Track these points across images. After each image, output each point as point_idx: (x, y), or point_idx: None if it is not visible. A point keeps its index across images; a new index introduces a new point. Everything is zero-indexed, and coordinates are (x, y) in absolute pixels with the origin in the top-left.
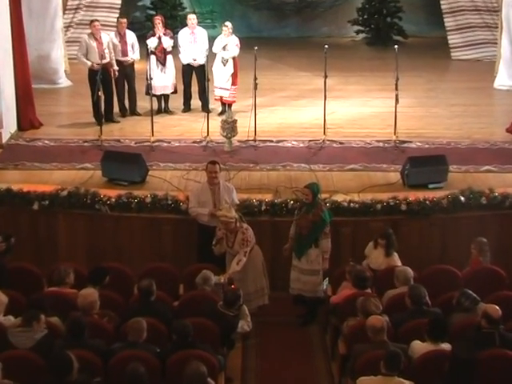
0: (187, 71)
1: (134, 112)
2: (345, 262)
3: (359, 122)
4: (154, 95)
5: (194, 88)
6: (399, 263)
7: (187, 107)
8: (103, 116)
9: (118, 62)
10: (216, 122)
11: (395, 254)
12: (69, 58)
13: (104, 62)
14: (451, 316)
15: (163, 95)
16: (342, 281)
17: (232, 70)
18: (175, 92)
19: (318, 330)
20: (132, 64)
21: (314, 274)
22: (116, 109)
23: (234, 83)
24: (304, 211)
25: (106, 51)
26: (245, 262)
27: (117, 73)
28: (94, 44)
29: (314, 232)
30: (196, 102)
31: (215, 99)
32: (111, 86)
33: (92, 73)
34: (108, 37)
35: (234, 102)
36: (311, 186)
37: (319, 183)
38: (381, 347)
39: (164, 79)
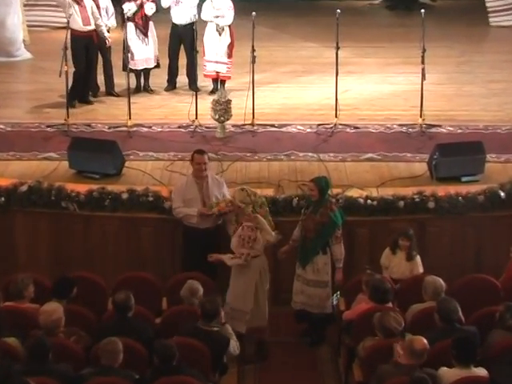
0: (175, 38)
1: (110, 91)
2: (360, 270)
3: (378, 102)
4: (132, 70)
5: (181, 62)
6: (421, 268)
7: (172, 85)
8: (77, 96)
9: (89, 31)
10: (206, 103)
11: (418, 256)
12: (28, 26)
13: (88, 29)
14: (490, 335)
15: (143, 70)
16: (357, 293)
17: (229, 40)
18: (158, 66)
19: (329, 352)
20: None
21: (320, 286)
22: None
23: (230, 55)
24: (310, 211)
25: (91, 17)
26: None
27: (109, 40)
28: (76, 8)
29: (321, 236)
30: (182, 79)
31: (205, 75)
32: (94, 60)
33: (76, 41)
34: (91, 1)
35: (230, 78)
36: (318, 180)
37: (329, 177)
38: (409, 372)
39: (146, 51)
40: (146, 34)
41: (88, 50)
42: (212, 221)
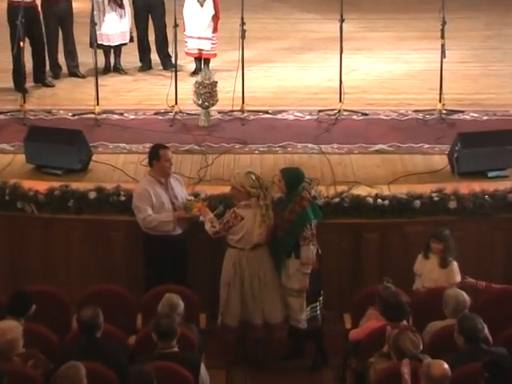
0: (142, 9)
1: (73, 72)
2: (369, 280)
3: (389, 84)
4: (100, 47)
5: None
6: (459, 277)
7: (146, 64)
8: (27, 77)
9: (30, 1)
10: (188, 86)
11: (454, 263)
12: None
13: None
14: None
15: (113, 47)
16: (365, 308)
17: (212, 11)
18: (131, 40)
19: (333, 378)
20: (68, 2)
21: (292, 295)
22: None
23: (214, 30)
24: (280, 208)
25: None
26: (214, 231)
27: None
28: None
29: (289, 235)
30: (157, 57)
31: (187, 53)
32: (41, 34)
33: (12, 12)
34: None
35: (215, 56)
36: (286, 171)
37: (331, 171)
38: None
39: (121, 24)
40: (120, 5)
41: (31, 24)
42: (184, 224)
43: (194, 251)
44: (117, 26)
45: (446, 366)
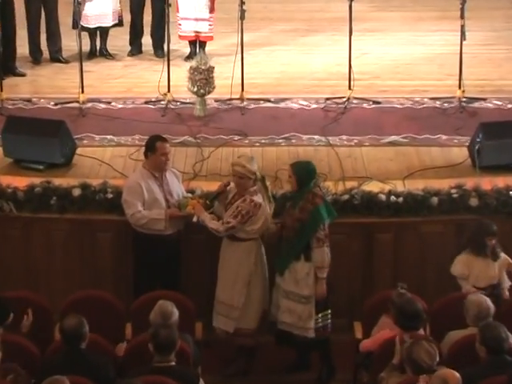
0: None
1: (56, 56)
2: (382, 286)
3: (404, 69)
4: (85, 29)
5: (147, 18)
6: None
7: (136, 48)
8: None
9: None
10: (182, 72)
11: (502, 253)
12: None
13: None
14: None
15: (99, 29)
16: (378, 316)
17: None
18: (120, 24)
19: None
20: None
21: (301, 302)
22: (24, 50)
23: (212, 9)
24: (290, 204)
25: None
26: (229, 227)
27: None
28: None
29: (300, 236)
30: (150, 41)
31: (181, 37)
32: (12, 16)
33: None
34: None
35: (212, 38)
36: (296, 166)
37: (340, 164)
38: None
39: (108, 4)
40: None
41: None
42: (179, 224)
43: (188, 254)
44: (104, 6)
45: (457, 374)
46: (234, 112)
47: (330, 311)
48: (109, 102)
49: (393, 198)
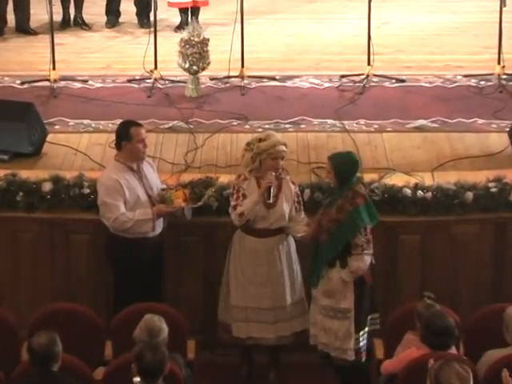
0: None
1: (22, 27)
2: (406, 296)
3: (433, 41)
4: None
5: None
6: None
7: (115, 17)
8: None
9: None
10: (171, 45)
11: None
12: None
13: None
14: None
15: None
16: (402, 332)
17: None
18: None
19: None
20: None
21: (338, 317)
22: None
23: None
24: (327, 203)
25: None
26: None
27: None
28: None
29: (336, 240)
30: (132, 8)
31: (171, 4)
32: None
33: None
34: None
35: (207, 4)
36: (335, 159)
37: (358, 154)
38: None
39: None
40: None
41: None
42: (162, 223)
43: (179, 259)
44: None
45: None
46: (232, 92)
47: (366, 330)
48: (85, 81)
49: (420, 193)
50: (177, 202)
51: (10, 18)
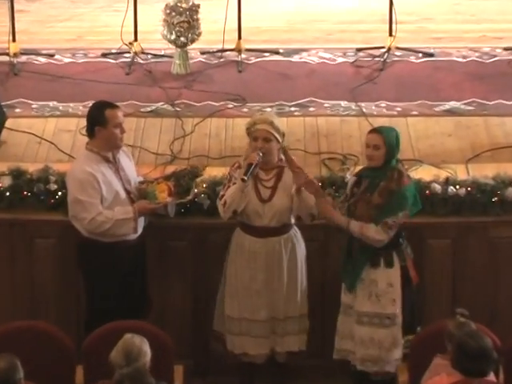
0: None
1: None
2: (435, 312)
3: (467, 7)
4: None
5: None
6: None
7: None
8: None
9: None
10: (154, 12)
11: None
12: None
13: None
14: None
15: None
16: (430, 355)
17: None
18: None
19: None
20: None
21: (384, 324)
22: None
23: None
24: (364, 188)
25: None
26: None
27: None
28: None
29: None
30: None
31: None
32: None
33: None
34: None
35: None
36: (386, 132)
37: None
38: None
39: None
40: None
41: None
42: (143, 223)
43: (165, 268)
44: None
45: None
46: (227, 69)
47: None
48: (51, 55)
49: (452, 189)
50: (161, 196)
51: None
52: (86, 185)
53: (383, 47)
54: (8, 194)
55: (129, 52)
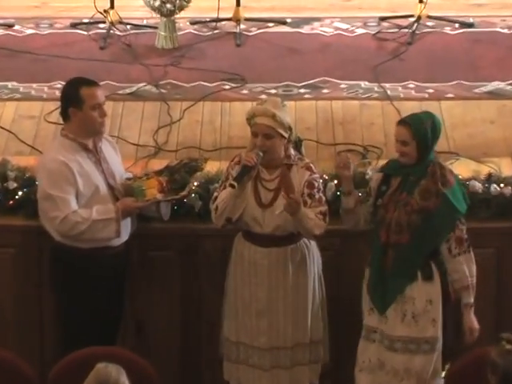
0: None
1: None
2: (480, 337)
3: None
4: None
5: None
6: None
7: None
8: None
9: None
10: None
11: None
12: None
13: None
14: None
15: None
16: None
17: None
18: None
19: None
20: None
21: (421, 351)
22: None
23: None
24: (394, 190)
25: None
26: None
27: None
28: None
29: (427, 237)
30: None
31: None
32: None
33: None
34: None
35: None
36: (415, 122)
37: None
38: None
39: None
40: None
41: None
42: (131, 226)
43: (143, 283)
44: None
45: None
46: (223, 42)
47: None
48: (10, 26)
49: (495, 187)
50: (150, 193)
51: None
52: (58, 177)
53: (412, 16)
54: None
55: (104, 22)
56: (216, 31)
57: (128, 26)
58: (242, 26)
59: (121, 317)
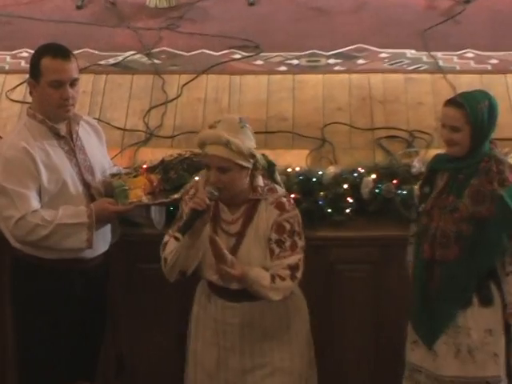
0: None
1: None
2: None
3: None
4: None
5: None
6: None
7: None
8: None
9: None
10: None
11: None
12: None
13: None
14: None
15: None
16: None
17: None
18: None
19: None
20: None
21: None
22: None
23: None
24: (445, 184)
25: None
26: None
27: None
28: None
29: (475, 254)
30: None
31: None
32: None
33: None
34: None
35: None
36: (468, 101)
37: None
38: None
39: None
40: None
41: None
42: (113, 234)
43: (129, 304)
44: None
45: None
46: (231, 1)
47: None
48: None
49: None
50: (134, 194)
51: None
52: (16, 167)
53: None
54: None
55: None
56: None
57: None
58: None
59: (97, 350)
